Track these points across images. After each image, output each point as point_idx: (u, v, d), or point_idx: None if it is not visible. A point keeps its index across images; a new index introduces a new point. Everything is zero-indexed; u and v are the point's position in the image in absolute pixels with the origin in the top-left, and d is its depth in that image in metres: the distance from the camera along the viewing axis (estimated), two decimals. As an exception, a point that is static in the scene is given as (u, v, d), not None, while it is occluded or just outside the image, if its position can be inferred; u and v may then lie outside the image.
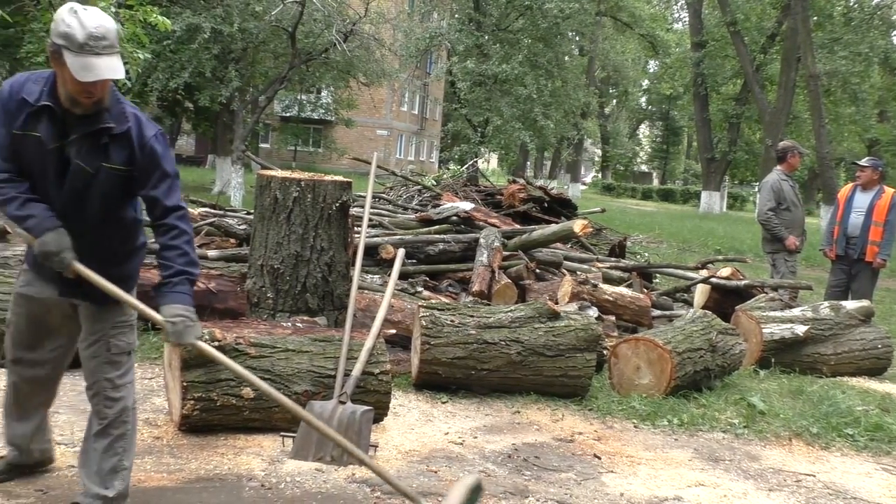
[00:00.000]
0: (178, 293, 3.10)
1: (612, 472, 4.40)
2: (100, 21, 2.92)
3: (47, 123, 3.03)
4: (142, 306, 3.14)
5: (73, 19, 2.90)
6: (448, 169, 19.74)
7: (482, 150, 26.52)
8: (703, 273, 8.79)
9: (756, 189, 30.69)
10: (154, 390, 5.02)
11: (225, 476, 3.84)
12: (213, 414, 4.28)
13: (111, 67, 2.93)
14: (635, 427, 5.21)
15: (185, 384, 4.21)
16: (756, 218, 9.85)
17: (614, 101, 58.11)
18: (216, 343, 4.25)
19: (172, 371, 4.40)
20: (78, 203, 3.09)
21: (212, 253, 7.26)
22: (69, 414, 4.33)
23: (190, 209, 9.71)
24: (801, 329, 6.92)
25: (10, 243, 6.51)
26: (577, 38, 33.94)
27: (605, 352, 6.10)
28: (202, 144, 44.36)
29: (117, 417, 3.25)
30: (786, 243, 8.65)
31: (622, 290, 7.67)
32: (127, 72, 9.40)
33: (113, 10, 8.81)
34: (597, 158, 69.27)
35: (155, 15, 9.28)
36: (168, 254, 3.13)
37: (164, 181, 3.13)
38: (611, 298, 7.38)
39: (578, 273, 8.15)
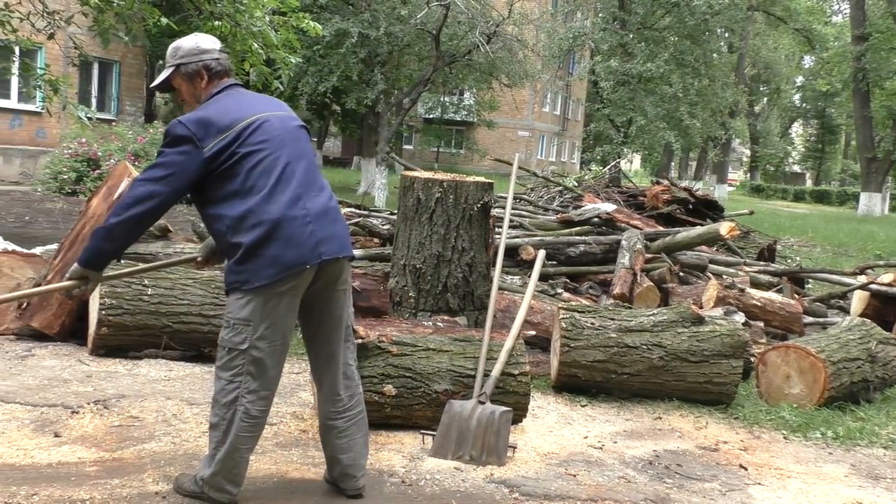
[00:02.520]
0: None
1: (759, 484, 4.23)
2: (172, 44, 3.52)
3: None
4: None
5: None
6: (590, 170, 19.54)
7: (625, 150, 26.11)
8: (862, 279, 8.31)
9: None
10: (301, 385, 5.20)
11: (367, 471, 3.93)
12: (356, 409, 4.39)
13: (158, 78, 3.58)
14: (785, 438, 4.99)
15: (330, 379, 4.33)
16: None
17: (765, 99, 55.88)
18: (360, 340, 4.36)
19: (318, 366, 4.54)
20: None
21: (356, 252, 7.45)
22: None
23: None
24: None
25: (170, 241, 6.89)
26: (727, 35, 32.82)
27: (752, 359, 5.87)
28: (348, 146, 45.63)
29: (214, 401, 3.34)
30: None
31: (771, 295, 7.37)
32: (279, 76, 9.80)
33: (267, 17, 9.20)
34: (745, 159, 66.84)
35: (306, 21, 9.63)
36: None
37: None
38: (759, 304, 7.10)
39: (724, 277, 7.89)
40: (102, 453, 3.84)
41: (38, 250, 6.36)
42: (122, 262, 4.38)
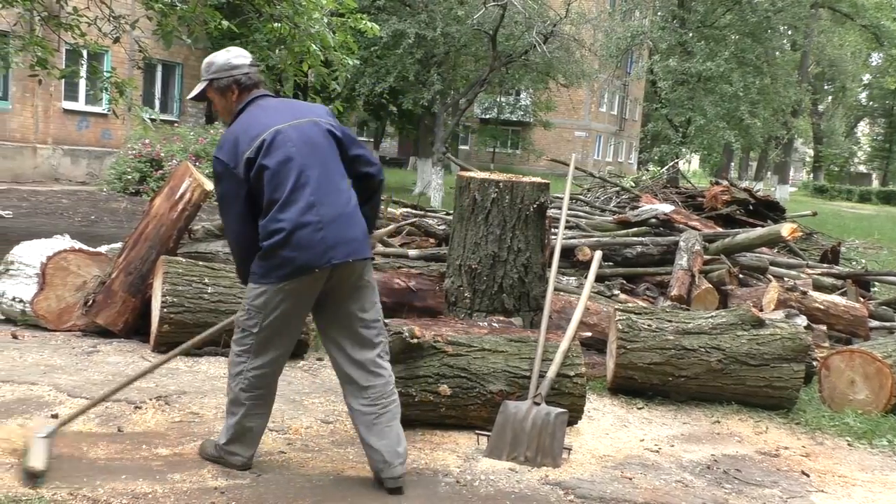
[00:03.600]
0: None
1: (822, 491, 4.14)
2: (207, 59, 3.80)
3: None
4: None
5: None
6: (647, 170, 19.34)
7: (683, 150, 25.76)
8: (930, 283, 8.08)
9: None
10: (357, 382, 5.23)
11: (422, 470, 3.95)
12: (410, 409, 4.41)
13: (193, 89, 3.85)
14: (849, 445, 4.87)
15: (385, 378, 4.36)
16: None
17: (829, 97, 54.56)
18: (415, 340, 4.38)
19: (374, 365, 4.56)
20: None
21: (412, 252, 7.49)
22: (280, 402, 4.60)
23: (392, 209, 10.11)
24: None
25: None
26: (790, 33, 32.10)
27: (814, 363, 5.75)
28: (404, 147, 45.85)
29: (229, 379, 3.72)
30: None
31: (835, 298, 7.20)
32: (336, 77, 9.90)
33: (325, 19, 9.30)
34: (808, 159, 65.40)
35: (364, 22, 9.71)
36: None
37: None
38: (822, 307, 6.95)
39: (786, 279, 7.74)
40: (164, 448, 3.92)
41: (103, 249, 6.51)
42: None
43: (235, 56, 3.76)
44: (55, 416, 4.17)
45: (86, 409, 3.94)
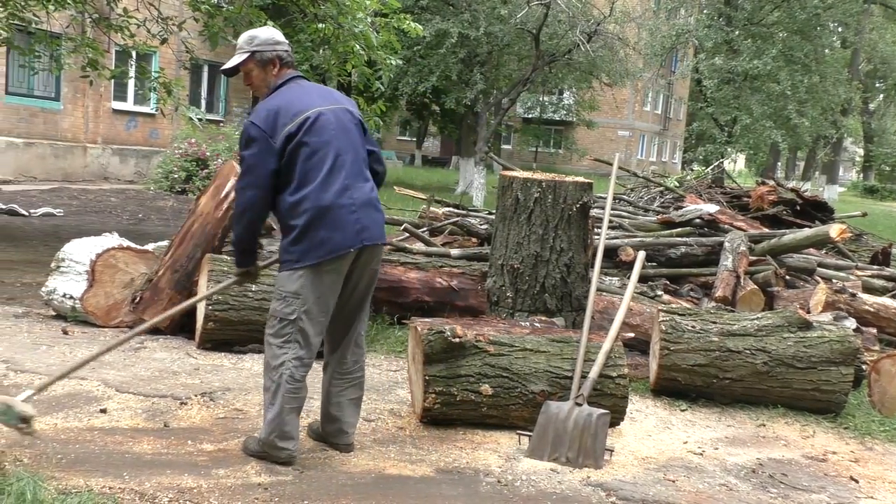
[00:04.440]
0: None
1: (871, 497, 4.06)
2: (246, 33, 3.85)
3: None
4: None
5: None
6: (692, 170, 19.13)
7: (729, 150, 25.43)
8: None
9: None
10: (398, 382, 5.26)
11: (463, 470, 3.96)
12: (452, 408, 4.42)
13: (230, 61, 3.84)
14: (898, 451, 4.77)
15: (427, 378, 4.38)
16: None
17: (881, 95, 53.41)
18: (457, 339, 4.39)
19: (415, 364, 4.59)
20: None
21: (454, 252, 7.49)
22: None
23: (434, 209, 10.13)
24: None
25: (273, 237, 7.07)
26: (840, 30, 31.53)
27: (863, 367, 5.64)
28: (447, 146, 45.92)
29: (265, 367, 3.76)
30: None
31: (885, 300, 7.06)
32: (380, 77, 9.94)
33: (368, 19, 9.35)
34: (858, 158, 64.11)
35: (407, 22, 9.75)
36: None
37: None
38: (872, 309, 6.82)
39: (834, 281, 7.60)
40: (208, 444, 3.98)
41: (150, 246, 6.61)
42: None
43: (277, 33, 3.90)
44: (103, 411, 4.25)
45: (53, 381, 3.87)
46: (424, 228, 8.85)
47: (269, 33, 3.86)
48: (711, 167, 16.94)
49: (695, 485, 4.01)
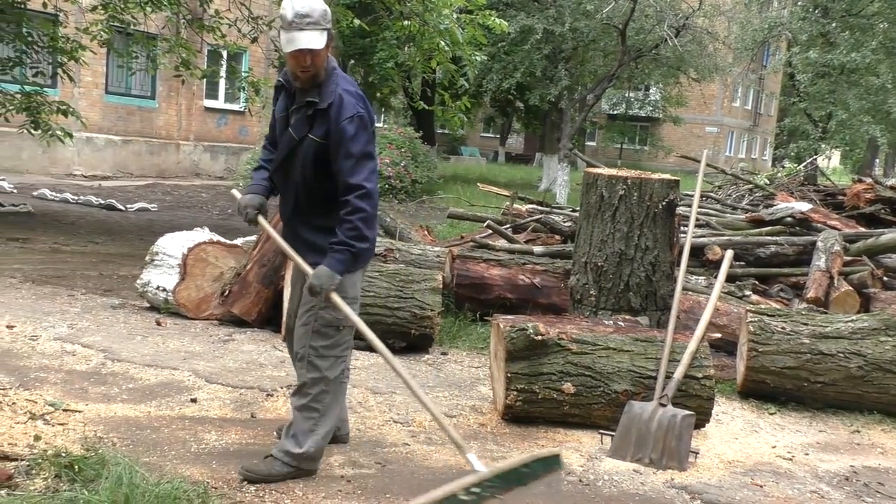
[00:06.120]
0: (331, 259, 3.34)
1: (971, 510, 3.89)
2: (308, 3, 3.26)
3: (281, 98, 3.58)
4: (297, 259, 3.45)
5: (288, 3, 3.28)
6: (783, 167, 18.56)
7: (822, 146, 24.65)
8: None
9: None
10: (480, 379, 5.27)
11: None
12: (534, 406, 4.41)
13: (309, 39, 3.26)
14: None
15: (509, 375, 4.37)
16: None
17: None
18: (539, 337, 4.37)
19: (497, 362, 4.59)
20: (286, 167, 3.51)
21: (537, 249, 7.46)
22: (404, 395, 4.68)
23: (517, 206, 10.11)
24: None
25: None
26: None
27: (966, 373, 5.39)
28: (530, 142, 45.77)
29: (315, 383, 3.49)
30: None
31: None
32: (464, 74, 9.97)
33: (454, 15, 9.38)
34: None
35: (493, 18, 9.75)
36: (340, 226, 3.35)
37: (348, 160, 3.33)
38: (976, 314, 6.51)
39: (936, 283, 7.28)
40: (293, 435, 4.05)
41: (239, 241, 6.79)
42: None
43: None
44: (194, 401, 4.38)
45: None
46: (507, 225, 8.85)
47: (323, 5, 3.33)
48: (804, 164, 16.44)
49: (784, 491, 3.90)
